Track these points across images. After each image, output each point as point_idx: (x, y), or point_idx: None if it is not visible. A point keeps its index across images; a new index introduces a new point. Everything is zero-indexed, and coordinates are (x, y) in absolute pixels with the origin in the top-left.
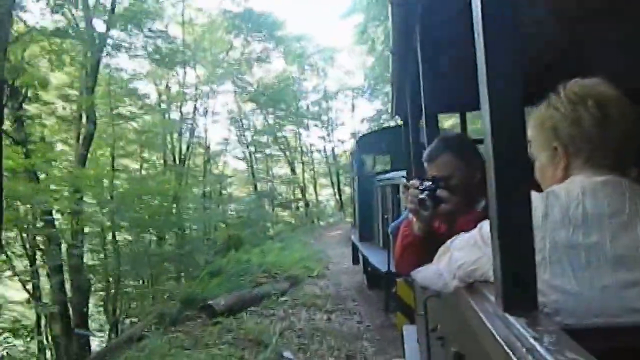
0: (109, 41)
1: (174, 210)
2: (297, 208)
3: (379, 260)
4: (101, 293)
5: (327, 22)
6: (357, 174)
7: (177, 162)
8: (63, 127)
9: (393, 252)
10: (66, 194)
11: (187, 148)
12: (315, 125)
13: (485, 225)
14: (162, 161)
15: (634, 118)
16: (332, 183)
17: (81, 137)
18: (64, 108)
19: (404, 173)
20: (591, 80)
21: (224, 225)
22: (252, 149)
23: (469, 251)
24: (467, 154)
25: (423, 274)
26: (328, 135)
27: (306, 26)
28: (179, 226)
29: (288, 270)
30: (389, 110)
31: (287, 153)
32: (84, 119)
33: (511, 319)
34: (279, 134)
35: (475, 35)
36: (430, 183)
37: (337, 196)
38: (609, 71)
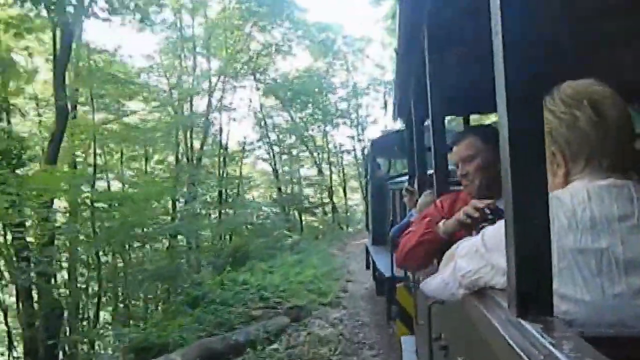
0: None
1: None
2: (325, 213)
3: (385, 264)
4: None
5: (356, 10)
6: (370, 177)
7: (190, 161)
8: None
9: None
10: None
11: (201, 147)
12: (344, 124)
13: (487, 231)
14: (173, 161)
15: (629, 116)
16: (362, 186)
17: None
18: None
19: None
20: (584, 81)
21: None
22: (276, 148)
23: (472, 259)
24: (492, 139)
25: (430, 285)
26: (358, 134)
27: (333, 15)
28: (168, 234)
29: (294, 295)
30: (392, 112)
31: (314, 153)
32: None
33: (526, 325)
34: (305, 133)
35: (493, 34)
36: (490, 213)
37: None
38: (614, 70)
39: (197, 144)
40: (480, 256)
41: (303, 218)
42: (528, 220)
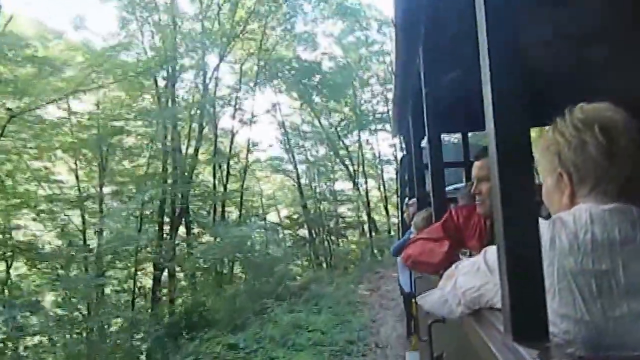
0: None
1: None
2: (362, 233)
3: (405, 280)
4: None
5: None
6: (401, 194)
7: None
8: None
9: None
10: None
11: (196, 152)
12: (384, 130)
13: (489, 250)
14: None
15: None
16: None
17: None
18: None
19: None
20: (597, 105)
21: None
22: (300, 157)
23: (474, 277)
24: None
25: (428, 300)
26: (401, 142)
27: None
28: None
29: None
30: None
31: (349, 165)
32: None
33: (521, 349)
34: (336, 140)
35: (481, 59)
36: None
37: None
38: (610, 91)
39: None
40: (483, 274)
41: (334, 241)
42: (520, 244)
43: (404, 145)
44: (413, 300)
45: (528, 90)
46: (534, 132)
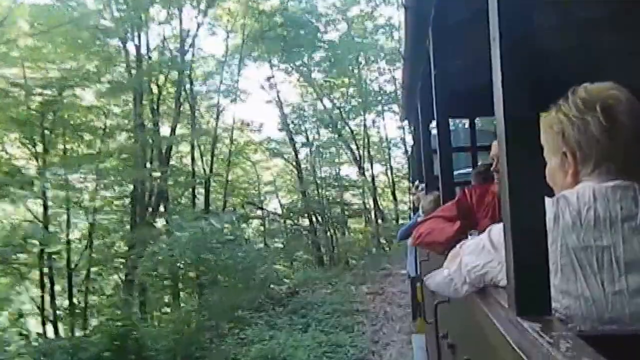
0: None
1: None
2: (367, 222)
3: (411, 264)
4: None
5: None
6: (412, 179)
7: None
8: None
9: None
10: None
11: (173, 130)
12: (392, 111)
13: (494, 228)
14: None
15: None
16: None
17: None
18: None
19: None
20: (600, 85)
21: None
22: (300, 138)
23: (478, 255)
24: None
25: (434, 280)
26: (410, 126)
27: None
28: None
29: None
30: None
31: (354, 148)
32: None
33: (525, 324)
34: (338, 121)
35: (491, 42)
36: None
37: None
38: (619, 75)
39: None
40: (487, 252)
41: (340, 229)
42: (525, 220)
43: (412, 129)
44: (418, 284)
45: (537, 75)
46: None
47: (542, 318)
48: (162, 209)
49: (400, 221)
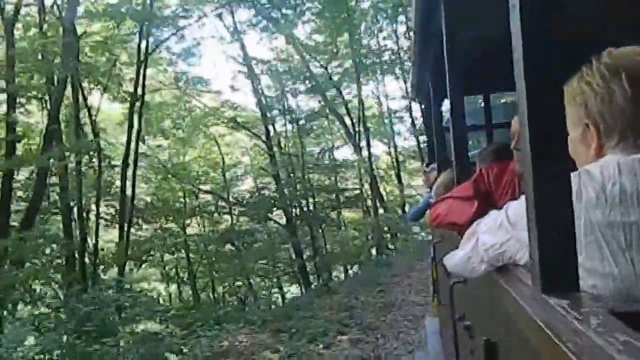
0: None
1: None
2: (366, 211)
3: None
4: None
5: None
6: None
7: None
8: None
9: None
10: None
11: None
12: (395, 76)
13: (511, 206)
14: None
15: None
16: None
17: None
18: None
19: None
20: (626, 49)
21: None
22: (275, 113)
23: (496, 233)
24: None
25: (452, 260)
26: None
27: None
28: None
29: None
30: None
31: (350, 123)
32: None
33: (551, 301)
34: (325, 87)
35: (510, 8)
36: None
37: None
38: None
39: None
40: (505, 230)
41: (333, 223)
42: (549, 195)
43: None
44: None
45: (561, 44)
46: None
47: (570, 294)
48: None
49: (407, 208)
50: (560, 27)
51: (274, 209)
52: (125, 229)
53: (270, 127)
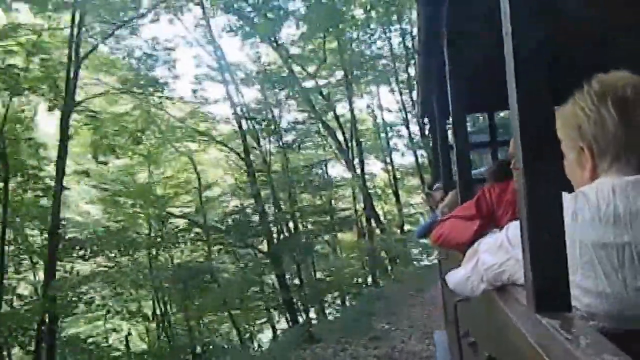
0: None
1: None
2: (360, 233)
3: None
4: None
5: None
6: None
7: None
8: None
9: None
10: None
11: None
12: (390, 88)
13: (512, 226)
14: None
15: None
16: (425, 184)
17: None
18: None
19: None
20: (614, 75)
21: None
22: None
23: (496, 254)
24: None
25: (452, 278)
26: (414, 105)
27: None
28: None
29: None
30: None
31: (342, 138)
32: None
33: (544, 320)
34: (316, 99)
35: (504, 32)
36: None
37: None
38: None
39: None
40: (505, 250)
41: (317, 254)
42: (542, 216)
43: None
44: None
45: (553, 68)
46: None
47: (561, 314)
48: None
49: (408, 227)
50: (552, 49)
51: (255, 234)
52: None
53: (253, 142)
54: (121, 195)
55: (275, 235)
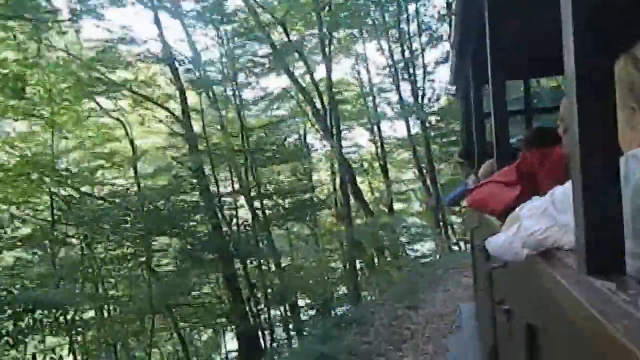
0: None
1: None
2: (337, 217)
3: None
4: None
5: None
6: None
7: None
8: None
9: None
10: None
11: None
12: (379, 48)
13: (557, 191)
14: None
15: None
16: (417, 157)
17: None
18: None
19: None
20: None
21: None
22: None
23: (539, 219)
24: None
25: (493, 244)
26: (407, 66)
27: None
28: None
29: None
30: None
31: (318, 102)
32: None
33: (597, 283)
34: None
35: None
36: None
37: (431, 184)
38: None
39: None
40: (549, 216)
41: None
42: (597, 178)
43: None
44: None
45: (611, 24)
46: None
47: (616, 277)
48: None
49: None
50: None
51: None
52: None
53: (195, 95)
54: (10, 168)
55: (222, 225)
